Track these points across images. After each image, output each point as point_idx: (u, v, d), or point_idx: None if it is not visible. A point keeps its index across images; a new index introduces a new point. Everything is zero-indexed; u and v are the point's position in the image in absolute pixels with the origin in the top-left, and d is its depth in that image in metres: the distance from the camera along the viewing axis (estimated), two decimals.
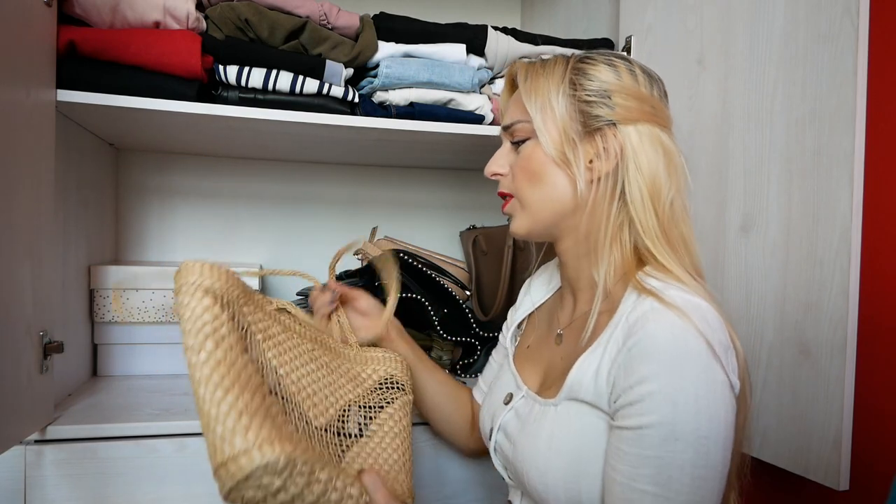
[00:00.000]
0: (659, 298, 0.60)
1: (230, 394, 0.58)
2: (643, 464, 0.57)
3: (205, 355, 0.59)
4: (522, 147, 0.73)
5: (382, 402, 0.80)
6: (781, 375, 0.86)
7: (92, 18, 0.95)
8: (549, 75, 0.71)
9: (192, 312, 0.59)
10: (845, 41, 0.78)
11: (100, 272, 1.18)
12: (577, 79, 0.69)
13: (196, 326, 0.58)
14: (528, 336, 0.84)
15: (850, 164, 0.78)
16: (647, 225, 0.66)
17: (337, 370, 0.77)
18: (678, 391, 0.56)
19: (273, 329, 0.69)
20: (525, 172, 0.72)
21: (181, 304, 0.59)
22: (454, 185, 1.64)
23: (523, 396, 0.74)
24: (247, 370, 0.61)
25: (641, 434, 0.57)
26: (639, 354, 0.59)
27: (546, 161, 0.69)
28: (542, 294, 0.85)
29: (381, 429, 0.77)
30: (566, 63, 0.71)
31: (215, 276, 0.61)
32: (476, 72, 1.13)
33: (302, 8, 1.04)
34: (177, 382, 1.18)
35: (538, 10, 1.62)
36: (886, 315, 0.78)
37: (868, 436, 0.80)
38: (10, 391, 0.77)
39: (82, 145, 1.14)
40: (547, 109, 0.69)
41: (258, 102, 1.03)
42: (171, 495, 0.93)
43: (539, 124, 0.70)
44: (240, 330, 0.62)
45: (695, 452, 0.56)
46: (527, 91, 0.71)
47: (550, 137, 0.69)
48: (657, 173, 0.66)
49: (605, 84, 0.68)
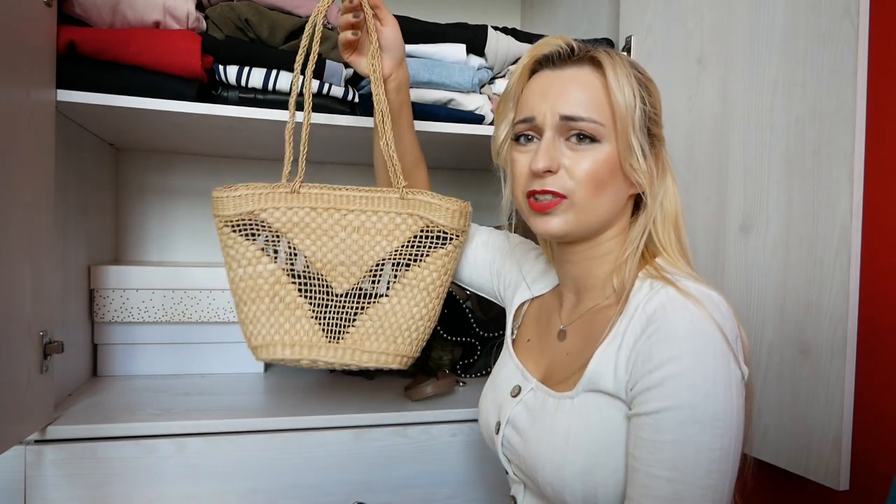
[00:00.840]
0: (677, 287, 0.62)
1: (245, 304, 0.84)
2: (660, 448, 0.58)
3: (231, 273, 0.84)
4: (589, 149, 0.67)
5: (412, 259, 0.85)
6: (781, 375, 0.86)
7: (92, 18, 0.95)
8: (630, 75, 0.67)
9: (220, 239, 0.84)
10: (845, 41, 0.78)
11: (100, 272, 1.18)
12: (642, 90, 0.68)
13: (224, 251, 0.84)
14: (528, 330, 0.83)
15: (850, 164, 0.78)
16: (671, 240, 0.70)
17: (372, 227, 0.84)
18: (698, 376, 0.58)
19: (298, 215, 0.83)
20: (591, 178, 0.67)
21: (220, 241, 0.84)
22: (454, 185, 1.64)
23: (532, 389, 0.74)
24: (260, 280, 0.83)
25: (660, 418, 0.58)
26: (659, 341, 0.60)
27: (617, 170, 0.67)
28: (541, 287, 0.85)
29: (404, 289, 0.85)
30: (627, 67, 0.68)
31: (230, 207, 0.82)
32: (476, 72, 1.13)
33: (302, 8, 1.04)
34: (177, 382, 1.18)
35: (538, 11, 1.62)
36: (886, 315, 0.78)
37: (868, 436, 0.80)
38: (10, 391, 0.77)
39: (82, 145, 1.14)
40: (628, 119, 0.66)
41: (258, 102, 1.03)
42: (171, 495, 0.93)
43: (621, 131, 0.66)
44: (263, 238, 0.83)
45: (711, 436, 0.57)
46: (618, 89, 0.66)
47: (628, 149, 0.67)
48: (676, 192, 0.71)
49: (655, 101, 0.70)
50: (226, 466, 0.95)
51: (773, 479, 0.92)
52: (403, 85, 0.89)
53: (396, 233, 0.84)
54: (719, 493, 0.58)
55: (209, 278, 1.24)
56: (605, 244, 0.71)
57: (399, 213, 0.84)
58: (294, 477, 0.98)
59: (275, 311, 0.84)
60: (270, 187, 0.83)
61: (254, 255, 0.83)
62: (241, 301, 0.84)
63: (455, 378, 1.26)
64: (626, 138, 0.66)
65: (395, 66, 0.86)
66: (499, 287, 0.92)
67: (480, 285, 0.95)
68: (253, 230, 0.82)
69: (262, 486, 0.97)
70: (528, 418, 0.72)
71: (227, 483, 0.95)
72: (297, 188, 0.83)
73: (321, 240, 0.84)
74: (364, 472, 1.01)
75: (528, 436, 0.71)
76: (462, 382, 1.26)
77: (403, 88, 0.89)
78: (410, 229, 0.84)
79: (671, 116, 1.06)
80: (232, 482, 0.95)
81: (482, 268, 0.93)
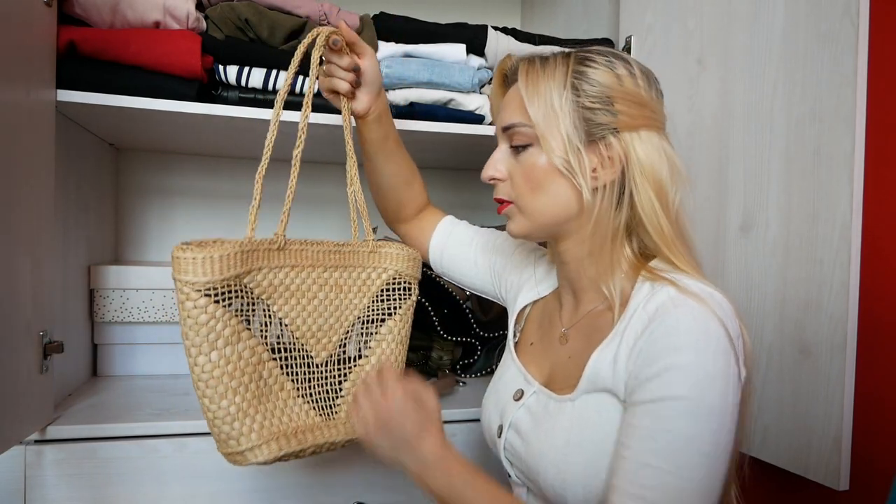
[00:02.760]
0: (678, 287, 0.62)
1: (225, 398, 0.67)
2: (654, 437, 0.58)
3: (203, 359, 0.66)
4: (524, 154, 0.70)
5: (384, 314, 0.83)
6: (781, 375, 0.86)
7: (92, 18, 0.95)
8: (551, 77, 0.68)
9: (190, 314, 0.65)
10: (845, 41, 0.78)
11: (100, 272, 1.18)
12: (579, 83, 0.67)
13: (193, 329, 0.65)
14: (531, 333, 0.83)
15: (850, 164, 0.78)
16: (660, 229, 0.67)
17: (344, 284, 0.80)
18: (699, 369, 0.58)
19: (278, 277, 0.74)
20: (528, 181, 0.70)
21: (179, 303, 0.66)
22: (454, 185, 1.64)
23: (535, 392, 0.74)
24: (242, 361, 0.69)
25: (656, 407, 0.59)
26: (662, 336, 0.60)
27: (550, 170, 0.68)
28: (546, 287, 0.85)
29: (379, 346, 0.83)
30: (567, 64, 0.69)
31: (207, 270, 0.65)
32: (476, 72, 1.13)
33: (302, 8, 1.04)
34: (177, 382, 1.18)
35: (538, 11, 1.62)
36: (886, 314, 0.78)
37: (868, 436, 0.80)
38: (10, 391, 0.77)
39: (82, 145, 1.14)
40: (551, 116, 0.67)
41: (258, 102, 1.03)
42: (171, 495, 0.93)
43: (543, 131, 0.68)
44: (240, 306, 0.69)
45: (706, 430, 0.57)
46: (528, 94, 0.69)
47: (555, 146, 0.67)
48: (663, 180, 0.67)
49: (608, 89, 0.67)
50: (226, 466, 0.94)
51: (773, 479, 0.92)
52: (384, 114, 0.88)
53: (364, 288, 0.83)
54: (707, 489, 0.57)
55: None
56: (587, 242, 0.71)
57: (372, 268, 0.83)
58: (294, 477, 0.98)
59: (261, 397, 0.70)
60: (254, 244, 0.70)
61: (233, 332, 0.67)
62: (218, 395, 0.66)
63: (455, 378, 1.26)
64: (551, 135, 0.67)
65: (373, 99, 0.85)
66: (500, 289, 0.92)
67: (482, 288, 0.95)
68: (229, 298, 0.67)
69: (261, 485, 0.96)
70: (530, 421, 0.72)
71: (227, 483, 0.95)
72: (283, 244, 0.74)
73: (300, 303, 0.76)
74: (364, 472, 1.01)
75: (530, 439, 0.70)
76: (462, 382, 1.26)
77: (384, 117, 0.89)
78: (378, 281, 0.83)
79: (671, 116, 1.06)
80: (232, 482, 0.95)
81: (483, 271, 0.93)
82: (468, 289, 0.97)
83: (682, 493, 0.57)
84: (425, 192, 0.98)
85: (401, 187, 0.93)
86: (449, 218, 0.98)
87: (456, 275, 0.95)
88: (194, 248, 0.66)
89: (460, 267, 0.94)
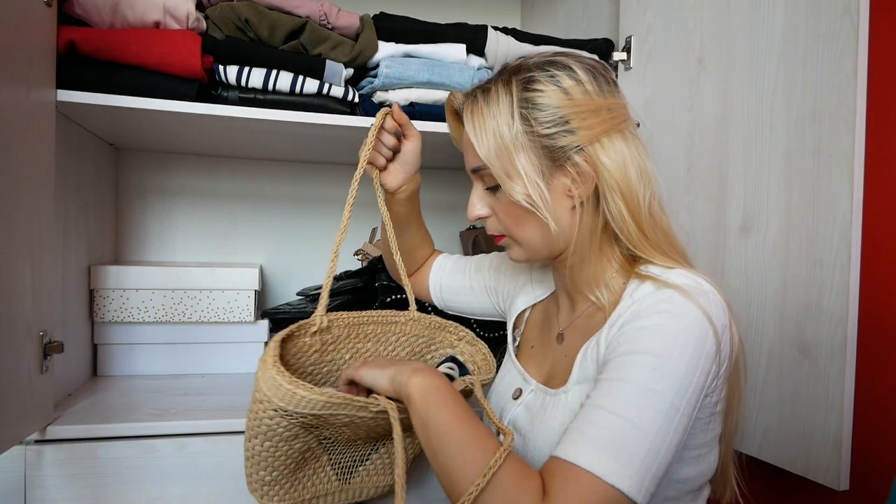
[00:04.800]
0: (657, 280, 0.64)
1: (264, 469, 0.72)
2: (613, 385, 0.58)
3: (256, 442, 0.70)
4: (500, 192, 0.70)
5: None
6: (781, 375, 0.86)
7: (92, 18, 0.95)
8: (497, 114, 0.66)
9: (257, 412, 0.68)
10: (845, 41, 0.78)
11: (100, 272, 1.18)
12: (528, 112, 0.65)
13: (254, 421, 0.69)
14: (532, 336, 0.84)
15: (850, 164, 0.78)
16: (632, 235, 0.67)
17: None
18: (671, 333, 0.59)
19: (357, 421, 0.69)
20: (511, 217, 0.70)
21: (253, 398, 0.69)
22: (454, 185, 1.64)
23: (532, 390, 0.75)
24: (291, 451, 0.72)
25: (625, 359, 0.59)
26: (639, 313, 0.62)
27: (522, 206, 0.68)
28: (544, 290, 0.85)
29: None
30: (509, 93, 0.66)
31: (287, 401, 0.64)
32: (476, 72, 1.13)
33: (302, 8, 1.04)
34: (177, 382, 1.18)
35: (538, 10, 1.62)
36: (886, 315, 0.78)
37: (868, 436, 0.79)
38: (10, 391, 0.77)
39: (82, 145, 1.14)
40: (505, 155, 0.66)
41: (258, 102, 1.03)
42: (171, 495, 0.93)
43: (500, 174, 0.66)
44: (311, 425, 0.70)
45: (667, 389, 0.57)
46: (477, 137, 0.67)
47: (515, 184, 0.66)
48: (631, 184, 0.66)
49: (559, 109, 0.65)
50: (226, 466, 0.95)
51: (772, 479, 0.92)
52: (414, 194, 0.91)
53: None
54: (654, 447, 0.56)
55: (209, 278, 1.24)
56: (577, 252, 0.71)
57: None
58: None
59: (297, 471, 0.77)
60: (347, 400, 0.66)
61: (293, 434, 0.71)
62: (262, 468, 0.73)
63: None
64: (509, 174, 0.66)
65: (407, 178, 0.88)
66: (498, 304, 0.94)
67: (483, 310, 0.97)
68: (307, 422, 0.69)
69: None
70: (527, 418, 0.73)
71: (227, 483, 0.95)
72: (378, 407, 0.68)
73: (372, 429, 0.75)
74: None
75: (527, 434, 0.71)
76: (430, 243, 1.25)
77: (414, 197, 0.91)
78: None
79: (671, 116, 1.07)
80: (232, 482, 0.95)
81: (479, 293, 0.95)
82: (472, 316, 1.00)
83: (627, 438, 0.55)
84: (433, 245, 1.01)
85: (411, 252, 0.97)
86: (442, 255, 1.01)
87: (457, 305, 0.98)
88: (290, 378, 0.63)
89: (458, 296, 0.97)
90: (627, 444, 0.55)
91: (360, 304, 1.21)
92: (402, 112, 0.86)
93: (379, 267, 1.21)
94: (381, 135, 0.84)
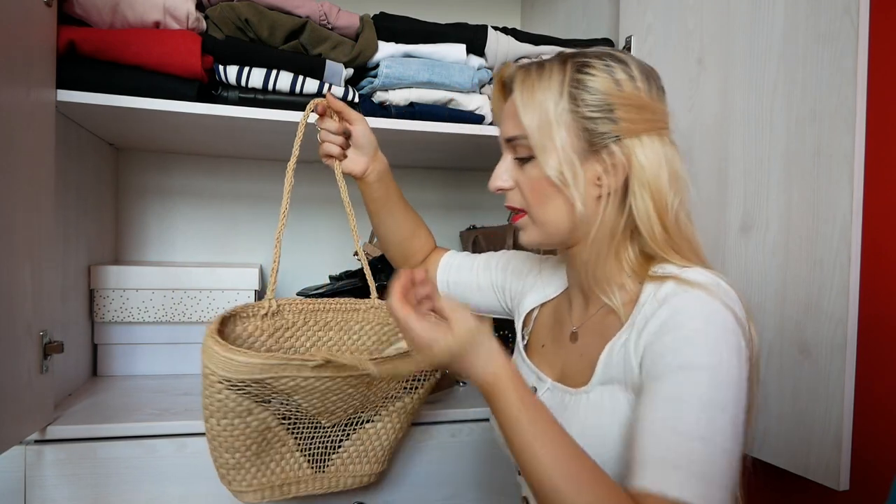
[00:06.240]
0: (679, 279, 0.63)
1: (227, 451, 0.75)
2: (678, 406, 0.58)
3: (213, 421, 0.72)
4: (528, 166, 0.70)
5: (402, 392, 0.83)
6: (781, 375, 0.86)
7: (92, 18, 0.95)
8: (547, 88, 0.67)
9: (207, 387, 0.70)
10: (845, 41, 0.78)
11: (100, 272, 1.18)
12: (577, 92, 0.67)
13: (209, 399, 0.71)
14: (542, 335, 0.83)
15: (850, 164, 0.78)
16: (655, 234, 0.67)
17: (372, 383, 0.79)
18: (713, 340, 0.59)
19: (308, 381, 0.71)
20: (534, 192, 0.70)
21: (203, 376, 0.70)
22: (454, 185, 1.64)
23: (549, 389, 0.75)
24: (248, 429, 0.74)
25: (679, 376, 0.59)
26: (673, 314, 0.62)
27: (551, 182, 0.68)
28: (554, 289, 0.85)
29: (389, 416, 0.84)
30: (563, 72, 0.68)
31: (231, 370, 0.66)
32: (476, 72, 1.13)
33: (302, 8, 1.04)
34: (177, 382, 1.18)
35: (538, 10, 1.62)
36: (886, 315, 0.78)
37: (868, 436, 0.79)
38: (10, 391, 0.77)
39: (82, 145, 1.14)
40: (546, 129, 0.66)
41: (258, 102, 1.03)
42: (171, 495, 0.93)
43: (538, 145, 0.67)
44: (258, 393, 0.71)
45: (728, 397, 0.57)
46: (524, 106, 0.68)
47: (550, 158, 0.67)
48: (661, 186, 0.67)
49: (607, 97, 0.66)
50: None
51: (772, 479, 0.92)
52: (384, 174, 0.92)
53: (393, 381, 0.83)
54: (733, 457, 0.57)
55: (209, 278, 1.24)
56: (594, 245, 0.70)
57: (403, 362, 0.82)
58: None
59: (261, 454, 0.77)
60: (287, 359, 0.68)
61: (245, 409, 0.72)
62: (224, 449, 0.75)
63: (455, 378, 1.26)
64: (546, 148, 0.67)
65: (369, 161, 0.89)
66: (505, 302, 0.94)
67: (491, 307, 0.96)
68: (247, 387, 0.70)
69: None
70: None
71: None
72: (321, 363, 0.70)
73: (325, 396, 0.75)
74: None
75: None
76: (462, 383, 1.26)
77: (385, 177, 0.92)
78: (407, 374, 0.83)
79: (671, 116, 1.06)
80: None
81: (487, 291, 0.95)
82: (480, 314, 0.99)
83: (713, 461, 0.56)
84: (431, 238, 1.01)
85: (406, 240, 0.97)
86: (450, 253, 1.00)
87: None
88: (227, 346, 0.67)
89: (466, 295, 0.96)
90: (712, 466, 0.56)
91: None
92: (335, 100, 0.88)
93: (378, 267, 1.21)
94: (322, 123, 0.87)
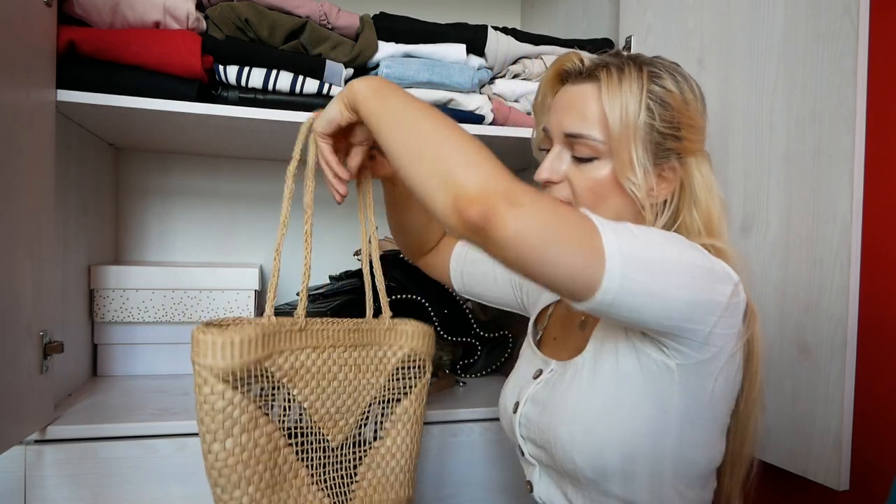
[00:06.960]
0: None
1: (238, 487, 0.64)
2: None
3: (217, 446, 0.64)
4: (588, 165, 0.70)
5: (400, 394, 0.82)
6: (781, 375, 0.86)
7: (92, 18, 0.95)
8: (628, 93, 0.67)
9: (206, 399, 0.63)
10: (845, 41, 0.78)
11: (100, 272, 1.18)
12: (654, 105, 0.67)
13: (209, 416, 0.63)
14: (555, 329, 0.85)
15: (850, 164, 0.78)
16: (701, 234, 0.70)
17: (362, 364, 0.77)
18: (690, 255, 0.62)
19: (300, 359, 0.70)
20: (591, 192, 0.70)
21: (196, 386, 0.64)
22: None
23: (552, 369, 0.76)
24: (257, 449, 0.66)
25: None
26: None
27: (615, 185, 0.69)
28: None
29: (394, 426, 0.80)
30: (640, 79, 0.68)
31: (227, 355, 0.62)
32: (476, 72, 1.13)
33: (302, 8, 1.04)
34: (177, 382, 1.18)
35: (538, 10, 1.62)
36: (886, 315, 0.78)
37: (868, 436, 0.79)
38: (10, 391, 0.77)
39: (82, 145, 1.14)
40: (626, 133, 0.67)
41: (258, 102, 1.03)
42: (171, 495, 0.93)
43: (616, 146, 0.67)
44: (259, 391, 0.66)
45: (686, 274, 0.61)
46: (610, 107, 0.67)
47: (626, 164, 0.67)
48: (710, 204, 0.70)
49: (678, 114, 0.68)
50: None
51: (772, 479, 0.92)
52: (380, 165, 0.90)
53: (381, 367, 0.80)
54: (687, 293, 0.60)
55: (209, 278, 1.24)
56: None
57: (388, 346, 0.80)
58: None
59: (275, 486, 0.68)
60: (276, 325, 0.67)
61: (251, 418, 0.65)
62: (231, 484, 0.64)
63: (455, 378, 1.26)
64: (622, 154, 0.67)
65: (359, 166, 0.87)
66: (522, 299, 0.94)
67: (505, 301, 0.96)
68: (249, 383, 0.65)
69: None
70: (546, 391, 0.74)
71: None
72: (304, 324, 0.70)
73: (320, 385, 0.72)
74: None
75: (546, 403, 0.73)
76: (462, 382, 1.26)
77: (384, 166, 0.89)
78: (393, 360, 0.81)
79: None
80: None
81: (503, 284, 0.95)
82: (490, 304, 0.99)
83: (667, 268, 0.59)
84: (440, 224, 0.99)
85: (423, 226, 0.96)
86: (461, 242, 0.99)
87: (479, 292, 0.97)
88: (215, 330, 0.62)
89: (481, 285, 0.96)
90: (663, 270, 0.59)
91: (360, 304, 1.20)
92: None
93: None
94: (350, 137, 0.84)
